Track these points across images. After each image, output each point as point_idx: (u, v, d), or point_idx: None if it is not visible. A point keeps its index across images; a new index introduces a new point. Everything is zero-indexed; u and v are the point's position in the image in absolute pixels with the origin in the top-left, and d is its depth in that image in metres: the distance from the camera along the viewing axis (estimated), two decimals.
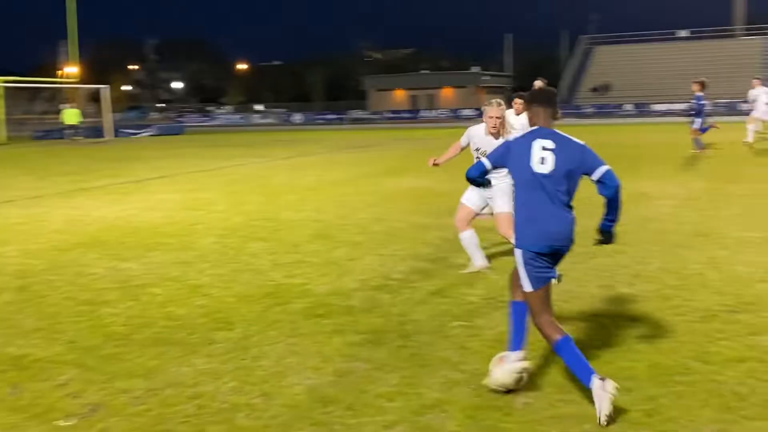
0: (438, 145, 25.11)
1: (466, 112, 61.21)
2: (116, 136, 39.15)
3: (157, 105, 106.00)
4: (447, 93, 73.64)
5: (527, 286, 4.12)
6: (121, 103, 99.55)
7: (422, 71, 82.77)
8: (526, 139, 4.17)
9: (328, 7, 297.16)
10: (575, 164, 4.07)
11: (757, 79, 20.74)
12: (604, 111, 53.55)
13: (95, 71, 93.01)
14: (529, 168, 4.09)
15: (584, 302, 5.93)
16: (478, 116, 64.66)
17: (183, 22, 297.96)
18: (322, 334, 5.23)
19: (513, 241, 4.37)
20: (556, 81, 70.33)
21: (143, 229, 9.73)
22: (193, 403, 4.12)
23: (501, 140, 6.33)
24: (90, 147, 31.34)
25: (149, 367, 4.67)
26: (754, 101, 20.20)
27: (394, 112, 66.34)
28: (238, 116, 75.93)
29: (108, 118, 39.63)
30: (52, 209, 11.81)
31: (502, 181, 6.50)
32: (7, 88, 38.74)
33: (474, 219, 7.07)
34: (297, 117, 67.14)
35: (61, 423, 3.89)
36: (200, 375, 4.52)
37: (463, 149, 7.18)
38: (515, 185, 4.27)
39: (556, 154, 4.07)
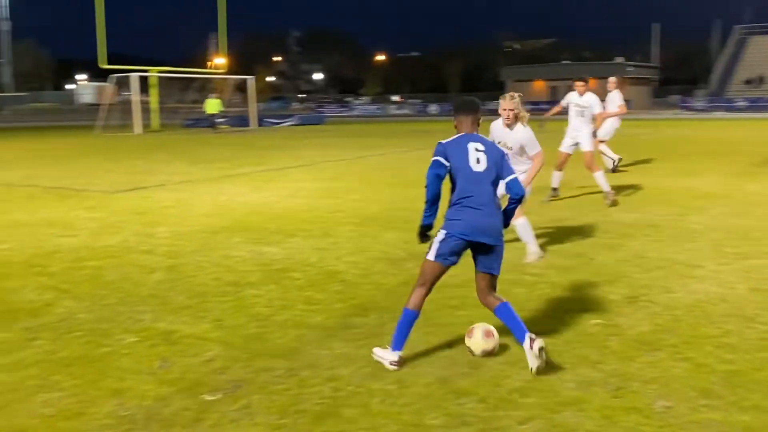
0: None
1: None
2: (260, 125, 40.63)
3: (299, 96, 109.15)
4: (590, 84, 71.55)
5: (430, 255, 4.60)
6: (265, 93, 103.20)
7: (563, 62, 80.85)
8: (460, 142, 4.64)
9: None
10: (498, 166, 4.59)
11: None
12: (759, 105, 50.39)
13: (242, 62, 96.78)
14: (469, 167, 4.53)
15: (733, 305, 5.62)
16: None
17: (326, 14, 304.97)
18: (456, 326, 5.21)
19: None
20: (706, 72, 66.86)
21: (284, 216, 10.05)
22: (329, 385, 4.22)
23: (515, 131, 7.13)
24: (236, 135, 32.68)
25: (289, 348, 4.82)
26: None
27: (533, 103, 65.18)
28: (375, 107, 76.97)
29: (253, 108, 41.21)
30: (200, 194, 12.41)
31: (519, 164, 7.10)
32: (161, 78, 41.04)
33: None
34: (433, 108, 67.28)
35: (207, 397, 4.09)
36: (337, 359, 4.63)
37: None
38: (455, 180, 4.60)
39: (487, 155, 4.58)
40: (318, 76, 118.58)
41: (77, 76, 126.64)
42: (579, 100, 11.08)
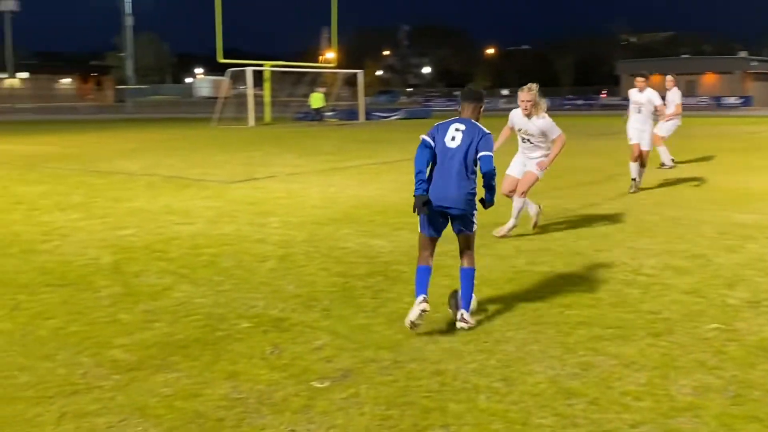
0: (697, 133, 23.57)
1: (731, 101, 56.27)
2: (368, 119, 41.05)
3: (407, 89, 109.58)
4: (709, 79, 68.77)
5: (420, 228, 5.34)
6: (373, 87, 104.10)
7: (682, 56, 77.83)
8: (448, 123, 5.30)
9: None
10: (474, 140, 5.12)
11: None
12: None
13: (352, 57, 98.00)
14: (443, 143, 5.17)
15: None
16: (743, 105, 59.57)
17: (436, 8, 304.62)
18: (567, 325, 5.12)
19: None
20: None
21: (392, 209, 10.12)
22: (435, 379, 4.22)
23: (534, 119, 7.81)
24: (344, 129, 33.15)
25: (396, 341, 4.86)
26: None
27: None
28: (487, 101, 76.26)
29: (361, 102, 41.67)
30: (310, 186, 12.66)
31: (537, 150, 7.98)
32: (273, 72, 42.07)
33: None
34: (543, 102, 66.02)
35: (316, 384, 4.17)
36: (443, 353, 4.63)
37: (511, 130, 8.28)
38: (435, 155, 5.19)
39: (463, 134, 5.16)
40: (426, 69, 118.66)
41: (195, 70, 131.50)
42: (638, 97, 11.68)
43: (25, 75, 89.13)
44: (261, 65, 40.18)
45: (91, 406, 3.90)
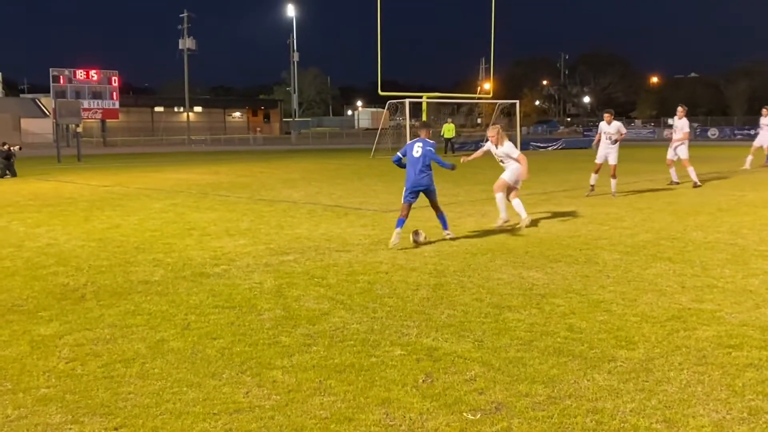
0: None
1: None
2: (525, 149, 40.61)
3: (566, 119, 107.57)
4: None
5: (403, 199, 9.72)
6: (532, 117, 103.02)
7: None
8: (413, 142, 9.81)
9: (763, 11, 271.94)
10: (427, 150, 9.64)
11: None
12: None
13: (510, 86, 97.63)
14: (411, 154, 9.65)
15: None
16: None
17: (599, 36, 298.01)
18: (734, 366, 4.82)
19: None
20: None
21: (548, 240, 9.95)
22: (591, 417, 4.10)
23: (500, 147, 11.01)
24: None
25: (550, 376, 4.76)
26: None
27: None
28: (648, 130, 73.63)
29: (518, 132, 41.34)
30: (464, 215, 12.69)
31: (510, 165, 11.06)
32: (430, 103, 42.64)
33: (506, 189, 11.15)
34: (712, 132, 62.89)
35: (468, 416, 4.16)
36: (600, 390, 4.48)
37: (485, 153, 11.53)
38: (407, 163, 9.76)
39: (422, 148, 9.60)
40: (587, 99, 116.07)
41: (357, 102, 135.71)
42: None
43: (199, 109, 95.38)
44: (419, 97, 40.88)
45: (252, 424, 4.09)
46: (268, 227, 11.61)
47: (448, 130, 38.36)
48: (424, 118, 41.43)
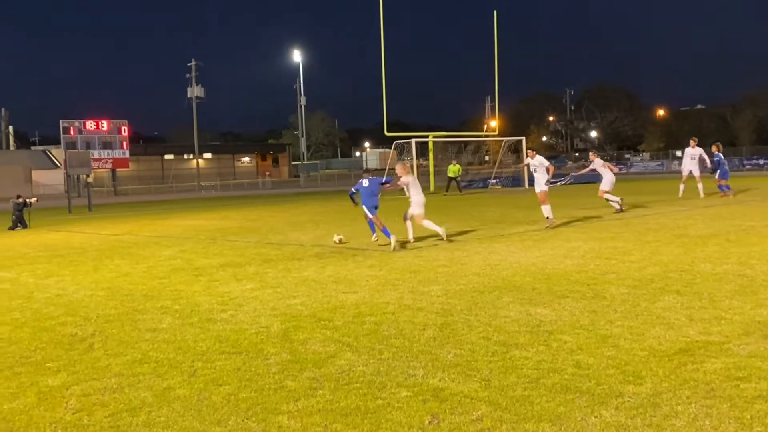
0: None
1: None
2: (533, 184, 40.62)
3: (574, 154, 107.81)
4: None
5: (367, 214, 14.71)
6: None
7: None
8: (362, 179, 14.85)
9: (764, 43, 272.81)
10: (376, 184, 14.75)
11: None
12: None
13: (516, 123, 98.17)
14: (363, 186, 14.65)
15: None
16: None
17: (602, 71, 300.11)
18: (742, 399, 4.78)
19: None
20: None
21: (555, 276, 9.93)
22: None
23: (406, 178, 14.63)
24: (509, 195, 33.02)
25: (557, 413, 4.72)
26: None
27: None
28: (656, 163, 73.67)
29: (524, 169, 41.40)
30: (471, 253, 12.69)
31: (417, 196, 14.58)
32: (436, 142, 42.89)
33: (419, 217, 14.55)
34: None
35: None
36: (607, 427, 4.45)
37: (400, 186, 14.90)
38: (362, 193, 14.76)
39: (370, 182, 14.67)
40: (594, 133, 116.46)
41: (364, 144, 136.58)
42: (533, 162, 17.85)
43: (209, 155, 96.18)
44: (425, 136, 41.17)
45: None
46: (275, 271, 11.65)
47: (453, 170, 38.54)
48: (431, 157, 41.79)
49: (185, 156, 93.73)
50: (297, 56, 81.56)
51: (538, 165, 17.42)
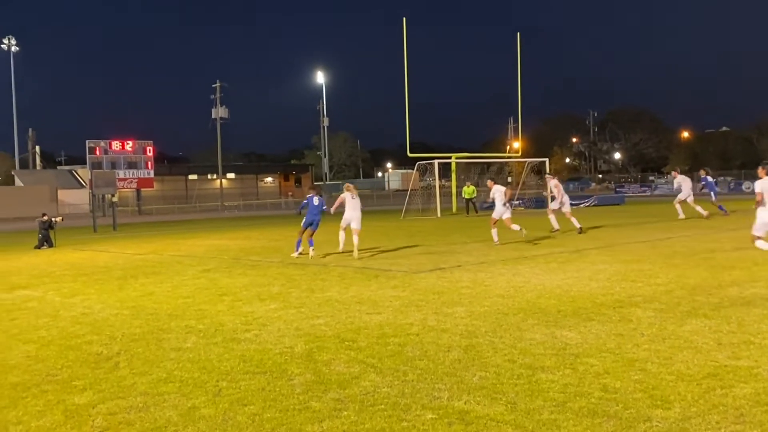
0: None
1: None
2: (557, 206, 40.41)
3: (598, 175, 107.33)
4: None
5: (303, 225, 17.21)
6: (563, 174, 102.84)
7: None
8: (312, 197, 17.20)
9: None
10: (321, 200, 17.27)
11: None
12: None
13: (539, 145, 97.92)
14: (313, 204, 17.00)
15: None
16: None
17: (628, 93, 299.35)
18: None
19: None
20: None
21: (581, 298, 9.86)
22: None
23: (344, 194, 17.15)
24: (531, 217, 32.87)
25: None
26: None
27: None
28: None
29: (548, 189, 41.27)
30: (495, 275, 12.63)
31: (355, 211, 17.07)
32: (459, 162, 42.89)
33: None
34: (746, 185, 62.28)
35: None
36: None
37: (342, 202, 17.30)
38: (308, 208, 17.20)
39: (319, 199, 17.16)
40: (617, 155, 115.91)
41: (386, 164, 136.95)
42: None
43: (232, 175, 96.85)
44: (448, 157, 41.17)
45: None
46: (299, 291, 11.66)
47: (468, 191, 38.35)
48: (453, 177, 41.78)
49: (209, 176, 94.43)
50: (320, 78, 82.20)
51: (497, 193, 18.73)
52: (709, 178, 26.45)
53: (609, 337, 7.47)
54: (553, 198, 22.16)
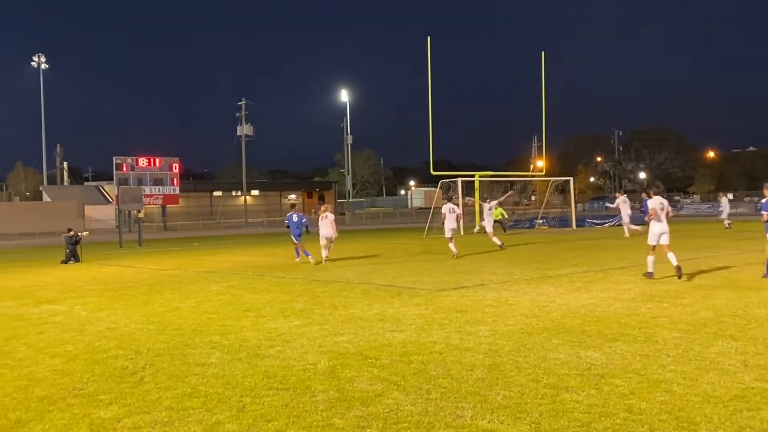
0: None
1: None
2: (580, 225, 40.23)
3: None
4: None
5: (294, 241, 22.03)
6: (586, 194, 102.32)
7: None
8: (292, 215, 22.16)
9: None
10: (302, 218, 22.33)
11: None
12: None
13: (563, 164, 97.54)
14: (293, 221, 21.89)
15: None
16: None
17: (653, 112, 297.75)
18: None
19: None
20: None
21: (605, 318, 9.79)
22: None
23: (327, 216, 21.00)
24: (556, 236, 32.72)
25: None
26: None
27: None
28: (706, 205, 72.31)
29: (573, 209, 41.10)
30: (519, 294, 12.58)
31: (326, 229, 21.07)
32: (482, 181, 42.83)
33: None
34: None
35: None
36: None
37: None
38: (291, 225, 22.44)
39: (298, 216, 22.08)
40: (642, 174, 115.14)
41: (409, 182, 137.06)
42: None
43: (256, 192, 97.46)
44: (471, 176, 41.15)
45: None
46: (322, 308, 11.69)
47: (496, 213, 38.43)
48: (476, 196, 41.74)
49: (233, 193, 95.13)
50: (344, 96, 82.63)
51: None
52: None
53: (634, 358, 7.40)
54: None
